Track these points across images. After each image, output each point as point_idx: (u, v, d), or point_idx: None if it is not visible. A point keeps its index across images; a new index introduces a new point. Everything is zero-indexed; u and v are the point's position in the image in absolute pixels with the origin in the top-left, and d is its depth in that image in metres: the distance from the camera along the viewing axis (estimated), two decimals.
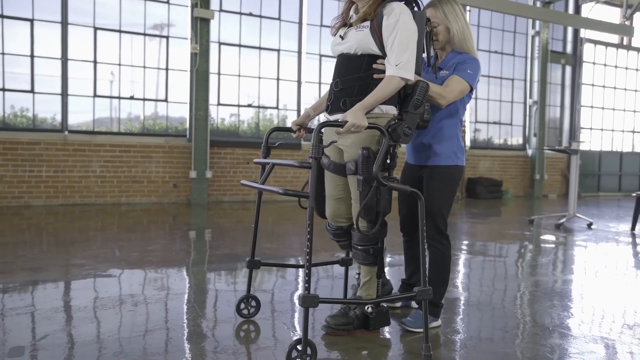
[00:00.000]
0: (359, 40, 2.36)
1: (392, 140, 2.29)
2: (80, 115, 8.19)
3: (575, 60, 13.14)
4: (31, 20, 7.61)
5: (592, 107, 13.80)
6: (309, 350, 2.08)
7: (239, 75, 9.21)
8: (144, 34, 8.49)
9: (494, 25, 12.02)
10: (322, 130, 2.40)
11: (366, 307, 2.52)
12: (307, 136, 2.86)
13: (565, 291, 3.59)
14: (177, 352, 2.30)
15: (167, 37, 8.66)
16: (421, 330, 2.56)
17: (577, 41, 13.08)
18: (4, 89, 7.57)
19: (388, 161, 2.34)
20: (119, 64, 8.33)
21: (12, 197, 7.44)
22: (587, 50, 13.45)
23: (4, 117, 7.66)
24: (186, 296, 3.22)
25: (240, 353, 2.29)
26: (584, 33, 12.95)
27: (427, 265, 2.68)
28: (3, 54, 7.50)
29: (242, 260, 4.15)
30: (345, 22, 2.49)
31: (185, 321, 2.72)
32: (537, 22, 12.07)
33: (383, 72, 2.34)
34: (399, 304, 2.99)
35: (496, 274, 4.13)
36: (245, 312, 2.77)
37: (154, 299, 3.09)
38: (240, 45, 9.20)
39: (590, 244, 5.63)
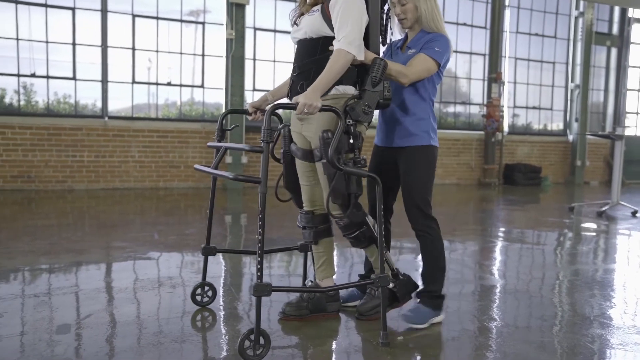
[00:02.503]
0: (311, 24, 2.35)
1: (352, 120, 2.24)
2: (119, 101, 8.39)
3: (621, 42, 12.61)
4: (73, 9, 7.80)
5: (639, 90, 13.26)
6: (262, 340, 2.04)
7: (274, 61, 9.23)
8: (181, 21, 8.59)
9: (535, 7, 11.64)
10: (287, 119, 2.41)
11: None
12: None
13: (606, 280, 3.49)
14: (214, 334, 2.35)
15: (203, 24, 8.74)
16: (424, 326, 2.45)
17: (625, 21, 12.54)
18: (47, 77, 7.80)
19: (351, 141, 2.26)
20: (157, 51, 8.46)
21: (56, 181, 7.71)
22: (635, 31, 12.87)
23: (48, 104, 7.91)
24: (222, 279, 3.28)
25: (276, 336, 2.32)
26: (632, 12, 12.40)
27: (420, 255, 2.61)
28: (47, 42, 7.72)
29: (277, 245, 4.18)
30: (302, 13, 2.46)
31: (222, 304, 2.78)
32: (582, 3, 11.62)
33: None
34: (355, 303, 2.70)
35: (534, 261, 4.05)
36: (199, 298, 2.69)
37: (191, 281, 3.16)
38: (275, 31, 9.20)
39: (635, 233, 5.44)
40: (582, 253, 4.41)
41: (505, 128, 11.26)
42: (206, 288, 2.72)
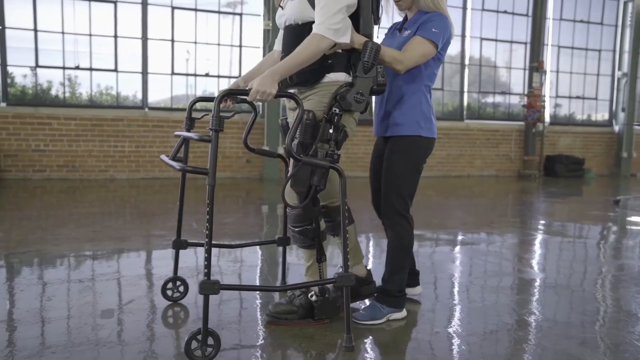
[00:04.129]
0: (295, 9, 2.19)
1: (342, 109, 2.11)
2: (158, 92, 8.56)
3: None
4: (114, 2, 7.98)
5: None
6: (210, 341, 1.93)
7: None
8: (218, 12, 8.68)
9: None
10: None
11: (310, 295, 2.32)
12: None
13: None
14: (251, 322, 2.39)
15: (240, 15, 8.80)
16: (381, 321, 2.36)
17: None
18: (91, 69, 8.03)
19: (331, 131, 2.11)
20: (195, 42, 8.57)
21: (99, 171, 7.95)
22: None
23: (91, 96, 8.15)
24: (259, 269, 3.32)
25: (258, 334, 2.34)
26: None
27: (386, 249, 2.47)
28: (90, 35, 7.94)
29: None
30: None
31: (259, 292, 2.81)
32: None
33: None
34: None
35: (575, 255, 3.94)
36: (169, 293, 2.59)
37: (229, 270, 3.21)
38: None
39: None
40: (627, 247, 4.26)
41: (547, 118, 10.95)
42: (178, 283, 2.63)
